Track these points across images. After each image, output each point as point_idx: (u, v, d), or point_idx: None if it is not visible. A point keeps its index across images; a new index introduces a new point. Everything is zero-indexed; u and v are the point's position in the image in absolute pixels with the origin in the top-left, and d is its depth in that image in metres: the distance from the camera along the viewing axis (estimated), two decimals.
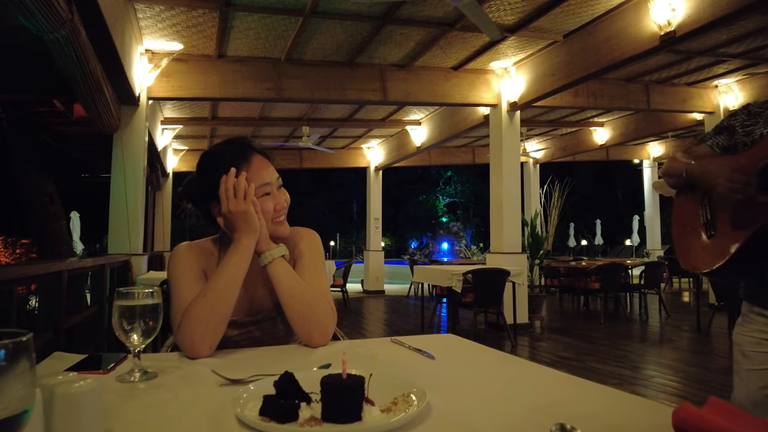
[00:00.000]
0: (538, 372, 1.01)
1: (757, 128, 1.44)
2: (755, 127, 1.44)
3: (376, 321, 7.86)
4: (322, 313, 1.24)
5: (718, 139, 1.54)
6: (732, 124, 1.52)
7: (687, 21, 4.39)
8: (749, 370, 1.44)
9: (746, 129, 1.47)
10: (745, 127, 1.48)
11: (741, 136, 1.47)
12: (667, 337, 6.33)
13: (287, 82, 6.26)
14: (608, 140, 10.09)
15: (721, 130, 1.55)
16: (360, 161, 11.61)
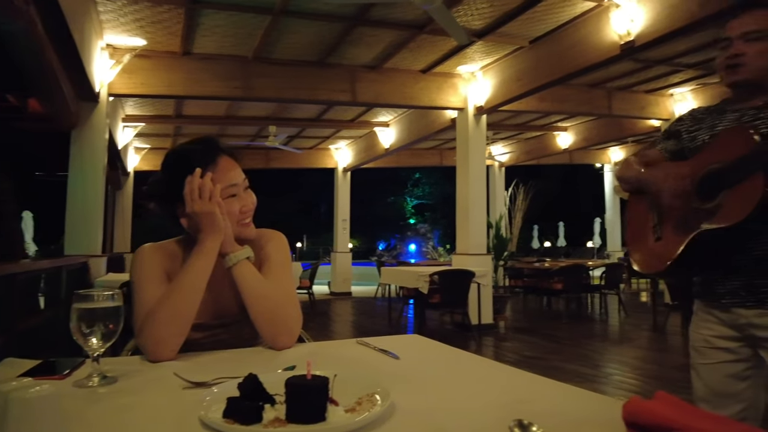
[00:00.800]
0: (501, 371, 1.03)
1: (700, 134, 1.52)
2: (699, 133, 1.53)
3: (343, 323, 7.84)
4: (288, 315, 1.24)
5: (667, 144, 1.62)
6: (678, 130, 1.61)
7: (645, 31, 4.56)
8: (704, 365, 1.51)
9: (691, 134, 1.55)
10: (690, 132, 1.56)
11: (687, 141, 1.56)
12: (626, 335, 6.55)
13: (256, 81, 6.19)
14: (572, 144, 10.37)
15: (669, 135, 1.63)
16: (328, 162, 11.57)
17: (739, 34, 1.41)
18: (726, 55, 1.44)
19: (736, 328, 1.44)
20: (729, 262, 1.42)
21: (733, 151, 1.32)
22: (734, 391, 1.45)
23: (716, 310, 1.49)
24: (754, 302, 1.38)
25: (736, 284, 1.41)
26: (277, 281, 1.29)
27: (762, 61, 1.40)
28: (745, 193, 1.28)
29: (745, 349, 1.44)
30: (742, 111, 1.46)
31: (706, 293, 1.52)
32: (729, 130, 1.42)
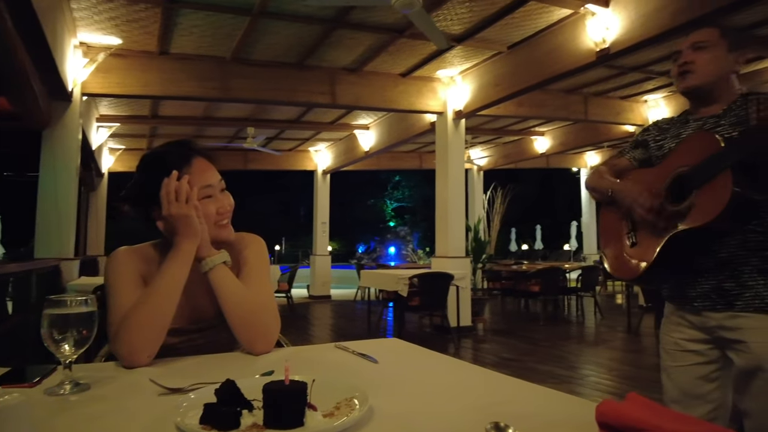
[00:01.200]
0: (478, 374, 1.04)
1: (666, 142, 1.60)
2: (665, 142, 1.60)
3: (322, 326, 7.81)
4: (266, 320, 1.23)
5: (635, 152, 1.70)
6: (645, 139, 1.69)
7: (620, 39, 4.67)
8: (675, 367, 1.56)
9: (658, 143, 1.63)
10: (657, 141, 1.64)
11: (654, 150, 1.64)
12: (602, 337, 6.66)
13: (234, 82, 6.13)
14: (548, 149, 10.53)
15: (637, 144, 1.71)
16: (307, 164, 11.51)
17: (689, 44, 1.54)
18: (678, 63, 1.55)
19: (706, 331, 1.48)
20: (698, 265, 1.46)
21: (699, 154, 1.38)
22: (704, 392, 1.49)
23: (687, 313, 1.53)
24: (724, 305, 1.42)
25: (707, 287, 1.45)
26: (254, 286, 1.28)
27: (710, 68, 1.49)
28: (715, 191, 1.31)
29: (713, 351, 1.49)
30: (703, 119, 1.53)
31: (677, 297, 1.56)
32: (693, 134, 1.49)
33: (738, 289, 1.40)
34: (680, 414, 0.65)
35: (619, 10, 4.67)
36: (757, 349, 1.36)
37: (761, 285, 1.38)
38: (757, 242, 1.38)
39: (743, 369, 1.40)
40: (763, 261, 1.38)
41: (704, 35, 1.53)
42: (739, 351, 1.40)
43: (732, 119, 1.45)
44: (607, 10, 4.73)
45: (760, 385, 1.37)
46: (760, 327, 1.37)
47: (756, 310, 1.37)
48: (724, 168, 1.29)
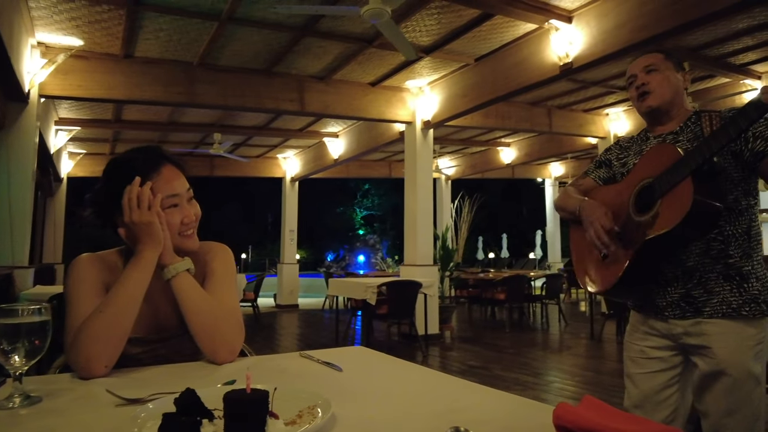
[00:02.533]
0: (442, 380, 1.06)
1: (629, 159, 1.68)
2: (628, 158, 1.69)
3: (289, 336, 7.71)
4: (229, 329, 1.22)
5: (599, 172, 1.78)
6: (609, 158, 1.77)
7: (582, 54, 4.83)
8: (639, 374, 1.61)
9: (621, 161, 1.72)
10: (620, 159, 1.73)
11: (618, 167, 1.72)
12: (566, 344, 6.81)
13: (200, 87, 6.04)
14: (514, 159, 10.75)
15: (600, 164, 1.80)
16: (275, 171, 11.41)
17: (641, 68, 1.64)
18: (635, 86, 1.64)
19: (671, 338, 1.54)
20: (666, 274, 1.52)
21: (661, 165, 1.44)
22: (665, 397, 1.55)
23: (655, 322, 1.58)
24: (692, 312, 1.48)
25: (676, 296, 1.51)
26: (219, 295, 1.26)
27: (664, 87, 1.59)
28: (678, 197, 1.37)
29: (676, 358, 1.55)
30: (663, 136, 1.61)
31: (646, 306, 1.61)
32: (653, 147, 1.55)
33: (705, 296, 1.46)
34: (632, 415, 0.68)
35: (581, 26, 4.83)
36: (722, 353, 1.42)
37: (727, 291, 1.44)
38: (719, 250, 1.46)
39: (707, 373, 1.45)
40: (726, 267, 1.45)
41: (651, 59, 1.63)
42: (703, 356, 1.46)
43: (689, 135, 1.54)
44: (571, 26, 4.90)
45: (720, 388, 1.43)
46: (724, 332, 1.43)
47: (723, 316, 1.44)
48: (685, 175, 1.35)
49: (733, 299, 1.44)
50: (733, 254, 1.46)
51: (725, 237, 1.46)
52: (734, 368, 1.41)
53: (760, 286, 1.45)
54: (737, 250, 1.46)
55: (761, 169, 1.44)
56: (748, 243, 1.47)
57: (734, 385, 1.41)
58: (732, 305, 1.44)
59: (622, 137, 1.81)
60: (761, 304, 1.44)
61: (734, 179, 1.47)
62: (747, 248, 1.47)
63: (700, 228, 1.42)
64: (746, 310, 1.42)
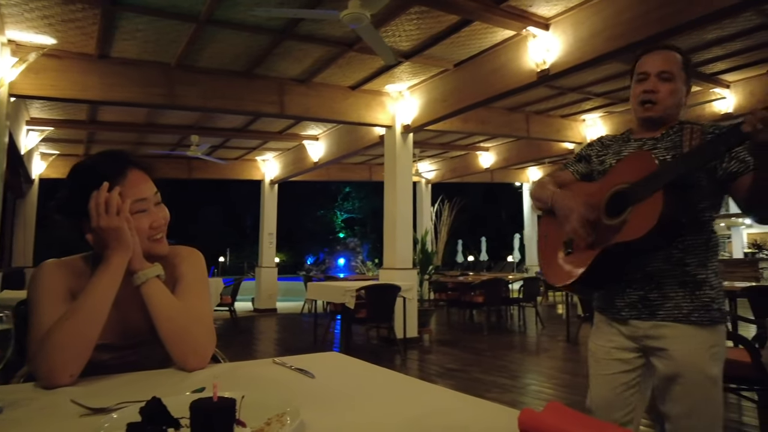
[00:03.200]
0: (415, 386, 1.06)
1: (607, 158, 1.69)
2: (606, 157, 1.70)
3: (267, 341, 7.64)
4: (200, 335, 1.20)
5: (578, 166, 1.78)
6: (588, 154, 1.78)
7: (559, 61, 4.92)
8: (602, 375, 1.64)
9: (600, 158, 1.72)
10: (599, 156, 1.73)
11: (596, 164, 1.72)
12: (543, 346, 6.88)
13: (179, 89, 5.96)
14: (493, 164, 10.86)
15: (580, 158, 1.80)
16: (254, 174, 11.32)
17: (657, 71, 1.56)
18: (643, 88, 1.57)
19: (634, 339, 1.58)
20: (626, 276, 1.56)
21: (637, 172, 1.46)
22: (625, 397, 1.59)
23: (617, 323, 1.62)
24: (648, 314, 1.52)
25: (634, 298, 1.55)
26: (189, 300, 1.25)
27: (671, 100, 1.56)
28: (647, 210, 1.40)
29: (638, 360, 1.59)
30: (643, 140, 1.63)
31: (606, 306, 1.65)
32: (632, 154, 1.57)
33: (661, 299, 1.51)
34: (595, 420, 0.69)
35: (558, 33, 4.92)
36: (677, 356, 1.47)
37: (680, 296, 1.49)
38: (678, 258, 1.51)
39: (665, 375, 1.50)
40: (683, 275, 1.50)
41: (670, 63, 1.56)
42: (661, 358, 1.51)
43: (667, 144, 1.56)
44: (548, 33, 4.98)
45: (678, 390, 1.47)
46: (679, 336, 1.48)
47: (675, 319, 1.49)
48: (657, 188, 1.38)
49: (685, 305, 1.49)
50: (690, 263, 1.50)
51: (685, 246, 1.50)
52: (691, 370, 1.46)
53: (714, 294, 1.50)
54: (694, 259, 1.51)
55: (733, 188, 1.47)
56: (706, 253, 1.52)
57: (692, 387, 1.45)
58: (683, 311, 1.49)
59: (605, 135, 1.80)
60: (712, 312, 1.48)
61: (704, 193, 1.51)
62: (704, 258, 1.52)
63: (664, 239, 1.46)
64: (695, 316, 1.48)
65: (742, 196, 1.44)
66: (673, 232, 1.45)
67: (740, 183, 1.44)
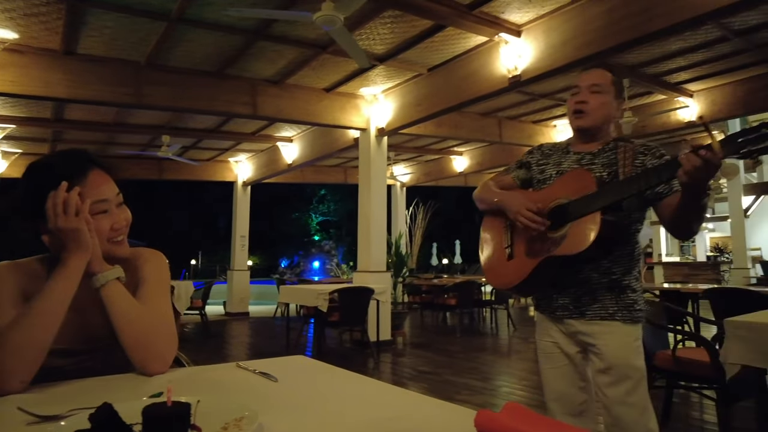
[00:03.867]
0: (379, 389, 1.06)
1: (548, 168, 1.80)
2: (546, 167, 1.81)
3: (239, 345, 7.53)
4: (161, 339, 1.18)
5: (519, 172, 1.89)
6: (529, 161, 1.89)
7: (530, 68, 5.00)
8: (551, 369, 1.78)
9: (540, 167, 1.83)
10: (539, 165, 1.84)
11: (536, 173, 1.84)
12: (514, 348, 6.97)
13: (148, 88, 5.84)
14: (466, 168, 10.97)
15: (521, 165, 1.91)
16: (227, 175, 11.16)
17: (588, 85, 1.71)
18: (574, 100, 1.72)
19: (571, 336, 1.73)
20: (561, 282, 1.70)
21: (577, 190, 1.58)
22: (577, 387, 1.73)
23: (554, 321, 1.77)
24: (578, 314, 1.69)
25: (567, 300, 1.71)
26: (150, 303, 1.22)
27: (601, 111, 1.70)
28: (585, 228, 1.53)
29: (579, 354, 1.74)
30: (582, 154, 1.75)
31: (545, 307, 1.79)
32: (573, 171, 1.68)
33: (590, 302, 1.67)
34: (554, 421, 0.70)
35: (530, 40, 5.01)
36: (607, 350, 1.63)
37: (607, 299, 1.66)
38: (606, 267, 1.67)
39: (599, 368, 1.66)
40: (610, 282, 1.66)
41: (600, 78, 1.71)
42: (594, 352, 1.67)
43: (604, 160, 1.69)
44: (520, 40, 5.06)
45: (609, 382, 1.63)
46: (607, 332, 1.64)
47: (602, 318, 1.65)
48: (596, 209, 1.51)
49: (610, 305, 1.65)
50: (617, 271, 1.67)
51: (614, 257, 1.66)
52: (620, 363, 1.61)
53: (635, 297, 1.67)
54: (621, 268, 1.67)
55: (659, 207, 1.62)
56: (630, 262, 1.68)
57: (622, 377, 1.61)
58: (609, 310, 1.65)
59: (545, 144, 1.91)
60: (634, 312, 1.66)
61: (632, 209, 1.66)
62: (629, 266, 1.68)
63: (598, 253, 1.59)
64: (619, 316, 1.64)
65: (666, 215, 1.58)
66: (607, 247, 1.59)
67: (665, 203, 1.58)
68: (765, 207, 13.65)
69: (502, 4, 4.58)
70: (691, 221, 1.51)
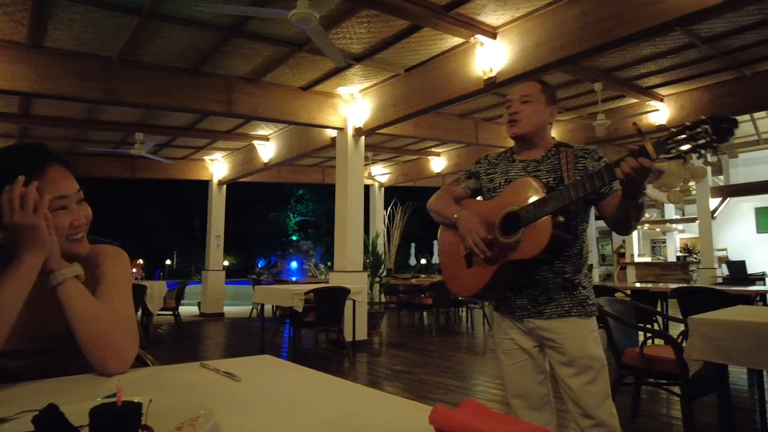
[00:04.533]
0: (341, 387, 1.05)
1: (496, 177, 1.88)
2: (495, 176, 1.88)
3: (213, 346, 7.43)
4: (120, 337, 1.15)
5: (469, 182, 1.97)
6: (477, 171, 1.96)
7: (505, 70, 5.06)
8: (511, 365, 1.86)
9: (489, 176, 1.91)
10: (488, 174, 1.92)
11: (485, 181, 1.92)
12: (489, 347, 7.03)
13: (120, 84, 5.72)
14: (444, 169, 11.03)
15: (470, 174, 2.00)
16: (202, 174, 11.01)
17: (518, 96, 1.84)
18: (509, 111, 1.85)
19: (529, 332, 1.82)
20: (519, 284, 1.79)
21: (527, 197, 1.67)
22: (537, 381, 1.82)
23: (513, 321, 1.85)
24: (536, 314, 1.79)
25: (525, 300, 1.81)
26: (112, 302, 1.19)
27: (533, 118, 1.82)
28: (539, 231, 1.62)
29: (536, 349, 1.83)
30: (527, 161, 1.85)
31: (503, 307, 1.88)
32: (522, 179, 1.76)
33: (546, 301, 1.77)
34: (507, 416, 0.71)
35: (505, 42, 5.06)
36: (566, 344, 1.73)
37: (562, 297, 1.77)
38: (559, 268, 1.77)
39: (560, 361, 1.75)
40: (563, 281, 1.77)
41: (529, 89, 1.83)
42: (555, 347, 1.77)
43: (548, 166, 1.80)
44: (495, 42, 5.11)
45: (572, 373, 1.72)
46: (565, 327, 1.75)
47: (560, 316, 1.76)
48: (546, 214, 1.61)
49: (565, 303, 1.76)
50: (568, 270, 1.78)
51: (565, 257, 1.76)
52: (580, 354, 1.72)
53: (586, 293, 1.79)
54: (571, 267, 1.78)
55: (600, 206, 1.74)
56: (580, 260, 1.80)
57: (583, 367, 1.71)
58: (565, 308, 1.76)
59: (491, 153, 2.01)
60: (587, 307, 1.78)
61: (578, 211, 1.77)
62: (579, 265, 1.80)
63: (552, 254, 1.68)
64: (575, 312, 1.76)
65: (608, 213, 1.71)
66: (559, 249, 1.67)
67: (606, 202, 1.71)
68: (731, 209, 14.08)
69: (478, 5, 4.62)
70: (631, 218, 1.61)
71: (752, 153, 12.72)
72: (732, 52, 5.78)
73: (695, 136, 1.33)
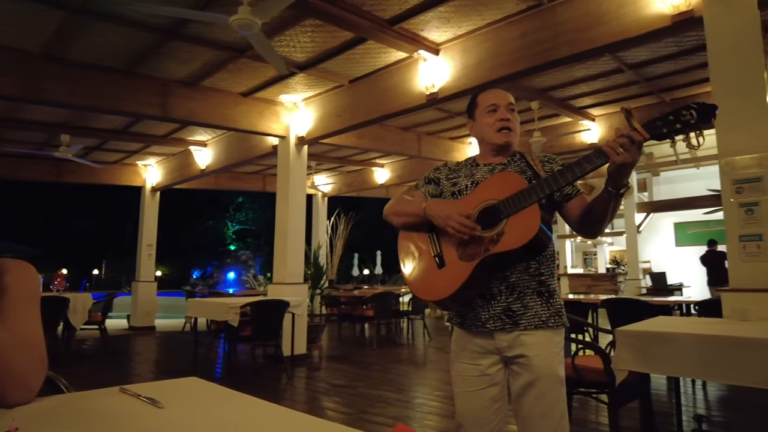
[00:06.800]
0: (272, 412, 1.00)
1: (460, 180, 1.81)
2: (459, 179, 1.82)
3: (143, 362, 7.02)
4: (23, 362, 1.03)
5: (428, 188, 1.90)
6: (438, 177, 1.90)
7: (446, 86, 5.16)
8: (468, 392, 1.70)
9: (451, 180, 1.84)
10: (450, 179, 1.85)
11: (447, 186, 1.83)
12: (429, 358, 7.08)
13: (43, 82, 5.34)
14: (387, 180, 11.11)
15: (430, 180, 1.92)
16: (134, 179, 10.47)
17: (506, 104, 1.77)
18: (498, 117, 1.75)
19: (496, 352, 1.67)
20: (491, 288, 1.65)
21: (506, 190, 1.57)
22: (493, 410, 1.68)
23: (480, 337, 1.69)
24: (511, 325, 1.63)
25: (498, 309, 1.65)
26: (11, 320, 1.06)
27: (517, 127, 1.78)
28: (525, 220, 1.51)
29: (500, 373, 1.69)
30: (492, 165, 1.79)
31: (469, 321, 1.71)
32: (499, 174, 1.69)
33: (522, 309, 1.63)
34: None
35: (447, 59, 5.17)
36: (536, 361, 1.60)
37: (539, 305, 1.64)
38: (535, 269, 1.67)
39: (525, 382, 1.61)
40: (539, 284, 1.66)
41: (512, 98, 1.81)
42: (522, 365, 1.62)
43: (517, 168, 1.75)
44: (438, 58, 5.21)
45: (535, 394, 1.60)
46: (538, 342, 1.62)
47: (536, 327, 1.62)
48: (532, 202, 1.52)
49: (542, 312, 1.64)
50: (544, 273, 1.68)
51: (539, 260, 1.68)
52: (547, 374, 1.60)
53: (561, 301, 1.70)
54: (547, 269, 1.69)
55: (565, 209, 1.69)
56: (552, 264, 1.71)
57: (547, 389, 1.60)
58: (542, 318, 1.64)
59: (449, 161, 1.95)
60: (562, 317, 1.68)
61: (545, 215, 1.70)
62: (552, 269, 1.71)
63: (536, 251, 1.59)
64: (552, 322, 1.65)
65: (574, 215, 1.66)
66: (543, 244, 1.59)
67: (571, 204, 1.67)
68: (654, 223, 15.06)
69: (422, 21, 4.69)
70: (608, 215, 1.55)
71: (672, 172, 13.73)
72: (653, 78, 6.22)
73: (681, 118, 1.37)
